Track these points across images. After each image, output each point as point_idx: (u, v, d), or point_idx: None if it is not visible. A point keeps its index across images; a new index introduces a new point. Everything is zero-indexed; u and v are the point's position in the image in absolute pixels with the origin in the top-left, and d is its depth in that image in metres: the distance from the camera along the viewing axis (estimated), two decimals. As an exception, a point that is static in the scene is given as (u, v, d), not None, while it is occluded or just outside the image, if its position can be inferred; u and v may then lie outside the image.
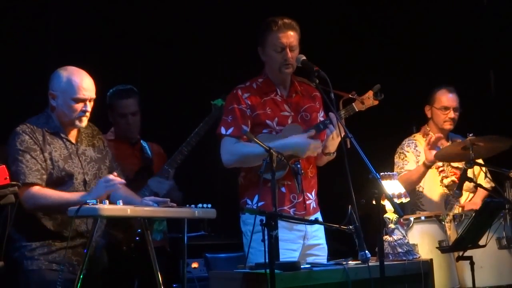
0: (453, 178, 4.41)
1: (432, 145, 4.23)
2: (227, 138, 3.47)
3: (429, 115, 4.56)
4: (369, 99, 3.50)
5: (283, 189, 3.46)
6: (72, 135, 3.35)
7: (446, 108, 4.47)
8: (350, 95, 3.49)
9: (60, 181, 3.23)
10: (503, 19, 5.46)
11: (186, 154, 4.05)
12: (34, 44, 4.55)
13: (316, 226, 3.49)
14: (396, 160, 4.52)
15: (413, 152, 4.50)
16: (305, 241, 3.51)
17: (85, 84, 3.26)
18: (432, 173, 4.44)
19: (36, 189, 3.15)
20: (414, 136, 4.59)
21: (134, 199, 3.32)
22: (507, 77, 5.54)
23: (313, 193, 3.57)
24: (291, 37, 3.47)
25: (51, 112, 3.30)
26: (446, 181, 4.43)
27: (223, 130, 3.48)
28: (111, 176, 3.12)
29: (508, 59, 5.48)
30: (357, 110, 3.51)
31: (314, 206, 3.57)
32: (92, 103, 3.31)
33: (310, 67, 3.35)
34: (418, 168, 4.34)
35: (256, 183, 3.38)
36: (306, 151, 3.39)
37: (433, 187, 4.44)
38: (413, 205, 4.43)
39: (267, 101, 3.53)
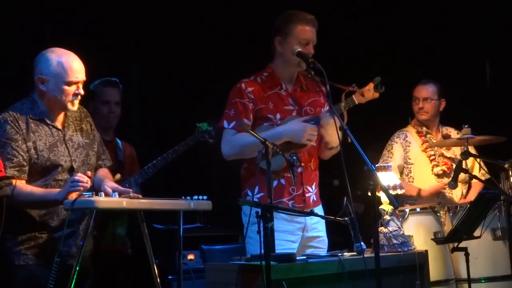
0: (444, 167, 4.43)
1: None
2: (228, 131, 3.46)
3: None
4: (369, 92, 3.46)
5: (282, 181, 3.45)
6: (59, 120, 3.22)
7: (416, 99, 4.55)
8: (350, 88, 3.45)
9: (45, 170, 3.13)
10: (499, 10, 5.46)
11: (160, 169, 4.05)
12: (29, 37, 4.54)
13: (316, 218, 3.48)
14: (384, 151, 4.57)
15: (402, 143, 4.53)
16: (305, 233, 3.51)
17: (76, 66, 3.14)
18: (424, 163, 4.46)
19: (18, 184, 3.01)
20: (406, 127, 4.62)
21: (103, 182, 3.23)
22: (503, 68, 5.55)
23: (313, 186, 3.55)
24: (313, 34, 3.47)
25: (39, 97, 3.18)
26: (436, 170, 4.44)
27: (225, 124, 3.48)
28: (78, 177, 2.99)
29: (504, 50, 5.49)
30: (357, 103, 3.47)
31: (315, 199, 3.55)
32: (83, 86, 3.21)
33: (305, 58, 3.35)
34: (411, 191, 4.37)
35: (257, 173, 3.38)
36: (303, 135, 3.35)
37: (425, 177, 4.45)
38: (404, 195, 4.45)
39: (270, 95, 3.51)
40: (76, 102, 3.19)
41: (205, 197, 3.31)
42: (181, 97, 5.27)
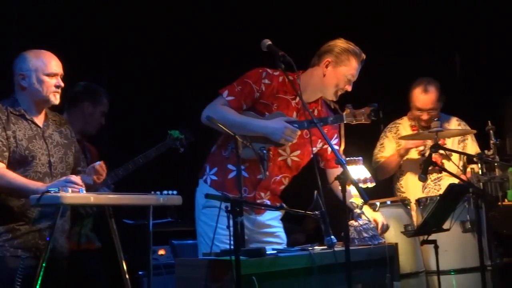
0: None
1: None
2: (222, 99, 3.43)
3: (410, 104, 4.53)
4: (362, 115, 3.36)
5: (243, 173, 3.39)
6: (39, 118, 3.32)
7: (420, 109, 4.44)
8: (346, 107, 3.39)
9: (24, 160, 3.19)
10: (469, 2, 5.50)
11: (130, 172, 4.09)
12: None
13: (269, 214, 3.52)
14: (377, 143, 4.58)
15: (393, 137, 4.53)
16: (256, 229, 3.52)
17: (54, 60, 3.31)
18: (414, 156, 4.47)
19: None
20: (401, 119, 4.60)
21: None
22: (473, 61, 5.60)
23: (267, 194, 3.53)
24: (358, 73, 3.50)
25: (20, 95, 3.28)
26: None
27: (224, 93, 3.44)
28: (75, 179, 3.06)
29: (474, 42, 5.53)
30: (345, 121, 3.39)
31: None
32: (62, 81, 3.32)
33: (275, 52, 3.32)
34: (392, 157, 4.41)
35: (224, 158, 3.41)
36: (281, 135, 3.32)
37: (414, 170, 4.45)
38: (393, 188, 4.48)
39: (280, 98, 3.46)
40: (58, 95, 3.30)
41: (175, 192, 3.29)
42: (151, 101, 5.26)
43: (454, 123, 4.53)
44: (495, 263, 3.87)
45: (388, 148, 4.53)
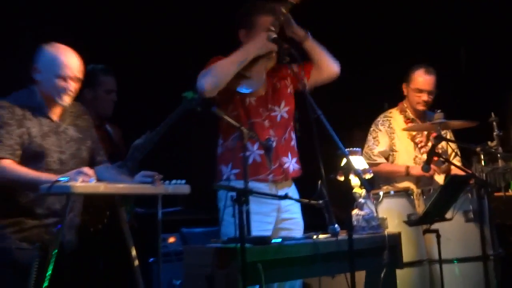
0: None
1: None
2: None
3: (405, 93, 4.57)
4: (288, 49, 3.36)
5: (257, 158, 3.47)
6: (55, 112, 3.27)
7: (420, 91, 4.47)
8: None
9: (36, 156, 3.18)
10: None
11: (155, 143, 3.97)
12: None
13: (290, 200, 3.55)
14: (368, 137, 4.54)
15: (387, 131, 4.50)
16: (279, 214, 3.56)
17: (70, 62, 3.21)
18: (409, 150, 4.51)
19: (7, 163, 3.10)
20: (390, 112, 4.59)
21: (125, 179, 3.29)
22: (478, 54, 5.63)
23: (289, 156, 3.56)
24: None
25: (35, 87, 3.24)
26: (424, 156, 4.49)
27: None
28: (87, 170, 3.05)
29: (479, 36, 5.56)
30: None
31: (295, 168, 3.58)
32: (76, 83, 3.25)
33: (280, 45, 3.37)
34: (400, 172, 4.39)
35: (232, 150, 3.45)
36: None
37: (408, 161, 4.49)
38: (385, 180, 4.51)
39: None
40: (65, 97, 3.22)
41: (183, 181, 3.30)
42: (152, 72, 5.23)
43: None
44: (498, 252, 3.94)
45: (382, 142, 4.48)
